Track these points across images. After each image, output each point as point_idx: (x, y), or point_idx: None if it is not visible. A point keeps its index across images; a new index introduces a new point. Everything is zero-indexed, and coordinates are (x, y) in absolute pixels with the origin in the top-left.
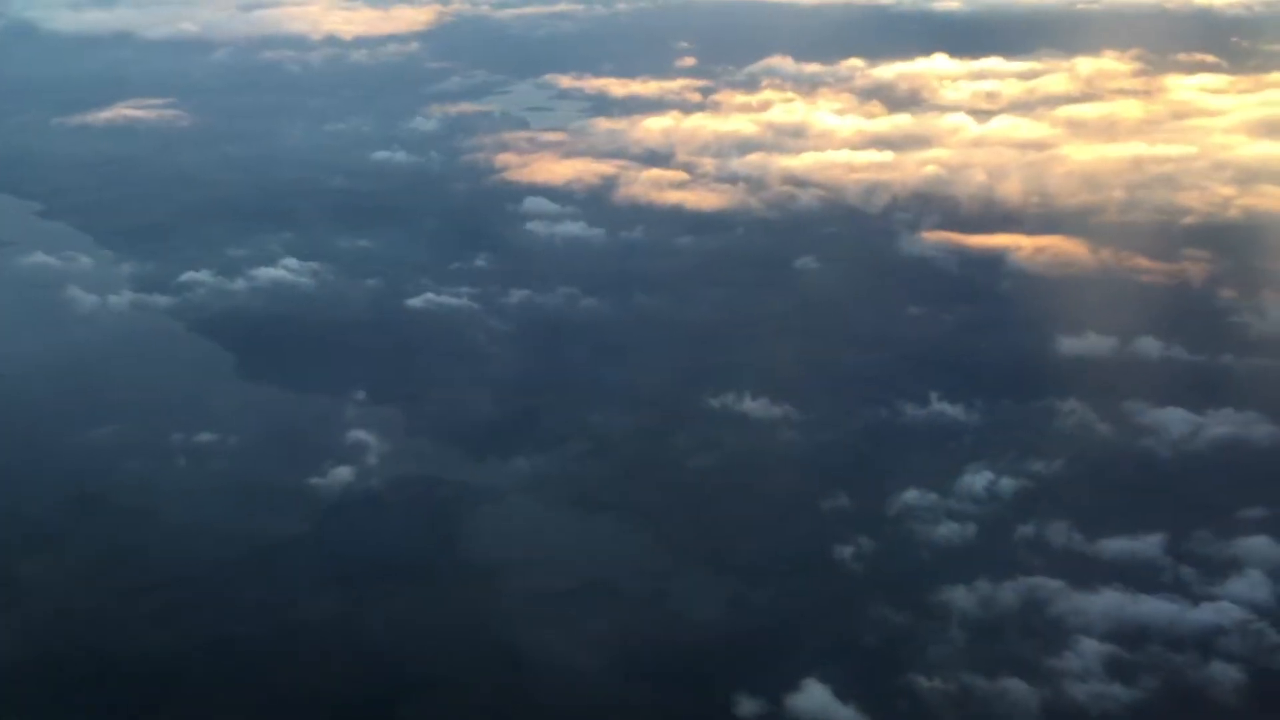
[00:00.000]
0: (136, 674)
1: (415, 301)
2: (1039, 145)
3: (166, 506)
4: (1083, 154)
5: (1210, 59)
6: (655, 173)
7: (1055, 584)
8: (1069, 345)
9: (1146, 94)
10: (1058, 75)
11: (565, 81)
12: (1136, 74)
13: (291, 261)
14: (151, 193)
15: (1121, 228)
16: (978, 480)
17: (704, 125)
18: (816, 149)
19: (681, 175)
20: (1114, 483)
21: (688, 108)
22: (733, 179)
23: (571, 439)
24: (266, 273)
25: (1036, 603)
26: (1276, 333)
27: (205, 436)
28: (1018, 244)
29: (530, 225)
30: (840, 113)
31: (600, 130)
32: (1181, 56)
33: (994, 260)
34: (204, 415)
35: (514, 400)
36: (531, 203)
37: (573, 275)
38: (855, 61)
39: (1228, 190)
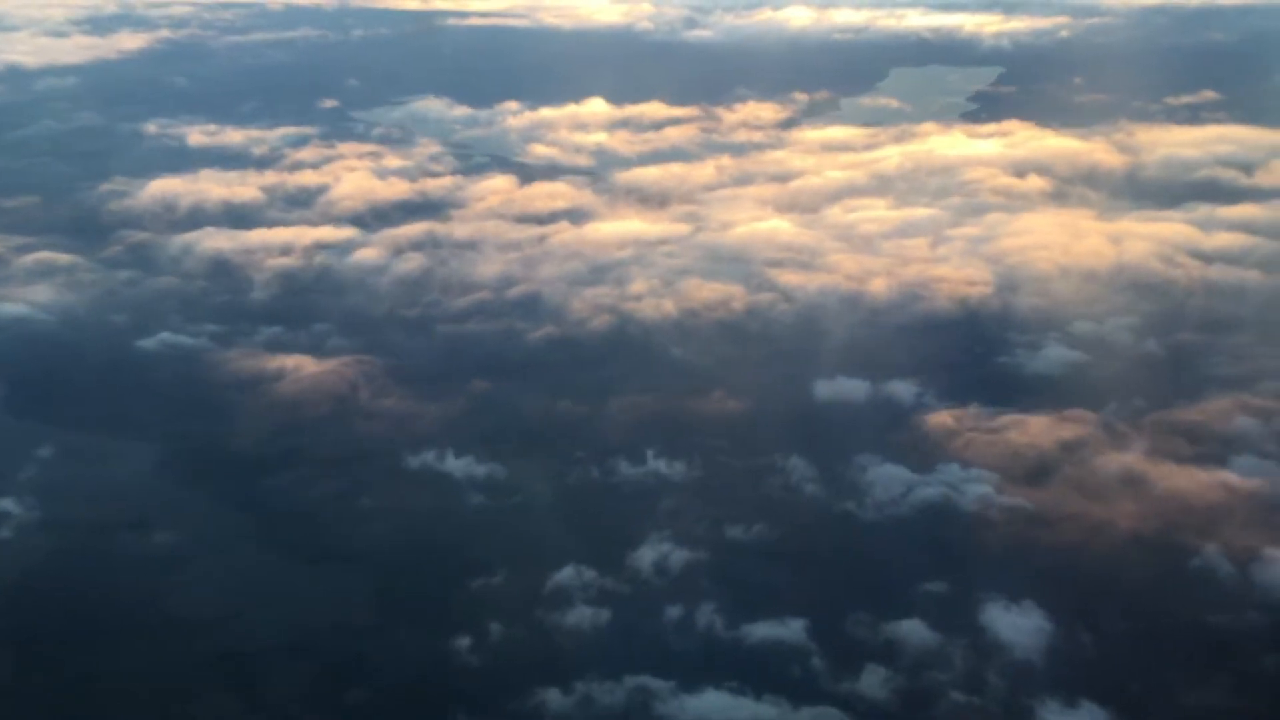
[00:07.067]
0: None
1: (148, 342)
2: (559, 216)
3: None
4: (572, 234)
5: (894, 104)
6: (43, 256)
7: (663, 683)
8: (824, 390)
9: (755, 149)
10: (690, 125)
11: (153, 129)
12: (781, 123)
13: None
14: None
15: (451, 344)
16: (648, 554)
17: (209, 190)
18: (304, 222)
19: (67, 258)
20: (795, 554)
21: (250, 164)
22: (132, 260)
23: (293, 490)
24: (3, 309)
25: (639, 706)
26: (1046, 372)
27: None
28: (300, 365)
29: None
30: (396, 175)
31: (94, 194)
32: (865, 101)
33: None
34: None
35: (236, 447)
36: None
37: None
38: (511, 104)
39: (647, 285)
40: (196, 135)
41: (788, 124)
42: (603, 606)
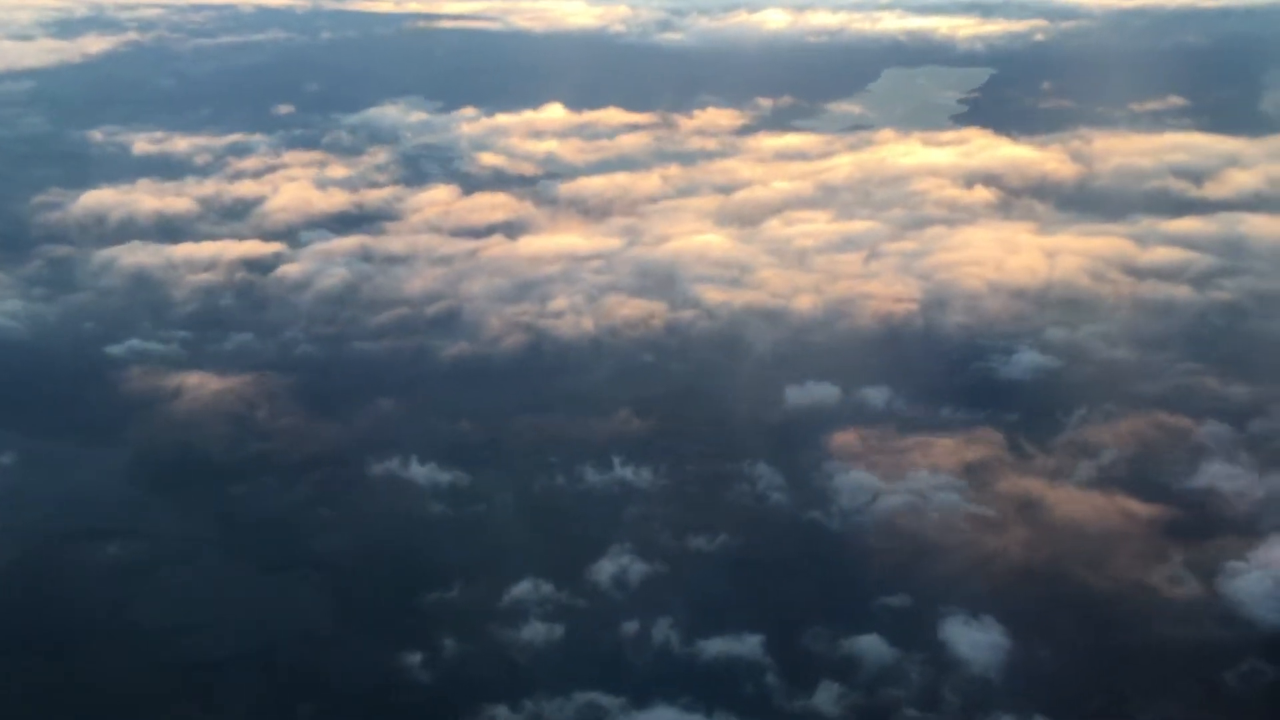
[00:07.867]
0: None
1: (117, 349)
2: (496, 228)
3: None
4: (504, 248)
5: (857, 110)
6: None
7: (614, 700)
8: (795, 395)
9: (706, 157)
10: (646, 132)
11: (99, 136)
12: (738, 130)
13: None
14: None
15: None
16: (608, 566)
17: (141, 201)
18: (235, 235)
19: None
20: (757, 564)
21: (191, 173)
22: (50, 277)
23: (256, 497)
24: None
25: None
26: (1019, 378)
27: None
28: (203, 382)
29: None
30: (338, 185)
31: (25, 206)
32: (831, 106)
33: None
34: None
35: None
36: None
37: None
38: (469, 110)
39: (569, 302)
40: (142, 143)
41: (744, 131)
42: (558, 622)
